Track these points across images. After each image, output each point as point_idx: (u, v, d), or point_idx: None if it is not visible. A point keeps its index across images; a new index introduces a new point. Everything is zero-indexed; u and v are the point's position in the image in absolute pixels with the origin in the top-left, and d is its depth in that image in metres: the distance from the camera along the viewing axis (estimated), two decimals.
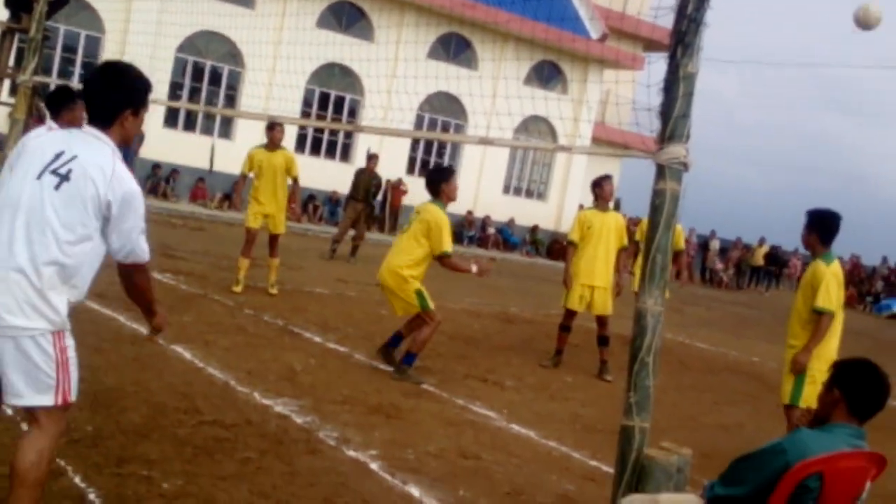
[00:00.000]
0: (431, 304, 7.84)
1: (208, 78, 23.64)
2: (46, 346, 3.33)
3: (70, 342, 3.42)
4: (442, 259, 7.82)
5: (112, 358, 6.68)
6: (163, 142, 21.87)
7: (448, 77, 22.31)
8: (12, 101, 12.24)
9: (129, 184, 3.42)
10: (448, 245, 7.79)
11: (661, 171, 3.21)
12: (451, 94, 26.08)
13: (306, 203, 24.50)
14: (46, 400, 3.35)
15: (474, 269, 8.00)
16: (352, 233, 16.89)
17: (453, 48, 26.72)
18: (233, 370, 6.96)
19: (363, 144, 23.89)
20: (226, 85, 23.83)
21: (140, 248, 3.49)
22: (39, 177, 3.36)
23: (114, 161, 3.43)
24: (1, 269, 3.30)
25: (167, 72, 22.13)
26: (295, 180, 11.00)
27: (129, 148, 12.11)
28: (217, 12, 19.09)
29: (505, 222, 28.07)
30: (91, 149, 3.43)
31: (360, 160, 22.84)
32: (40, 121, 19.94)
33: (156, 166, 22.06)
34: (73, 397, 3.43)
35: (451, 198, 8.11)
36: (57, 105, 6.17)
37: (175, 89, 22.92)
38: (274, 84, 22.16)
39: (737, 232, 34.98)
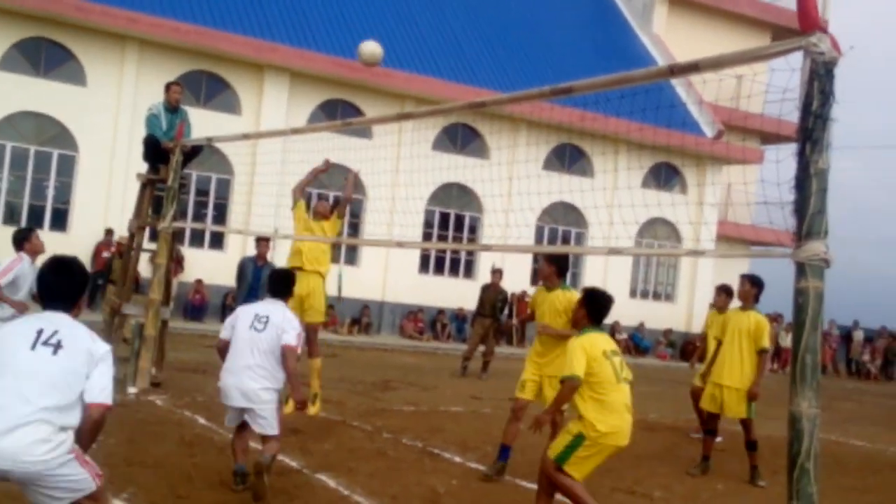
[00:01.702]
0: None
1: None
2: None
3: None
4: None
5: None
6: None
7: (566, 187, 22.48)
8: (153, 246, 12.98)
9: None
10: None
11: (801, 270, 3.15)
12: (568, 203, 26.21)
13: (434, 321, 24.74)
14: (90, 487, 4.17)
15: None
16: (481, 349, 16.90)
17: (568, 158, 26.99)
18: (377, 496, 6.97)
19: (486, 260, 24.08)
20: (349, 213, 24.51)
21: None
22: (34, 348, 4.14)
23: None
24: None
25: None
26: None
27: (259, 282, 12.55)
28: (337, 146, 19.74)
29: (635, 327, 27.61)
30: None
31: (483, 276, 23.03)
32: (178, 264, 20.88)
33: None
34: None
35: None
36: (286, 288, 7.29)
37: None
38: (396, 210, 22.70)
39: (881, 320, 33.37)
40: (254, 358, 6.60)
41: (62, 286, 4.39)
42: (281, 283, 7.23)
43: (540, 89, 5.90)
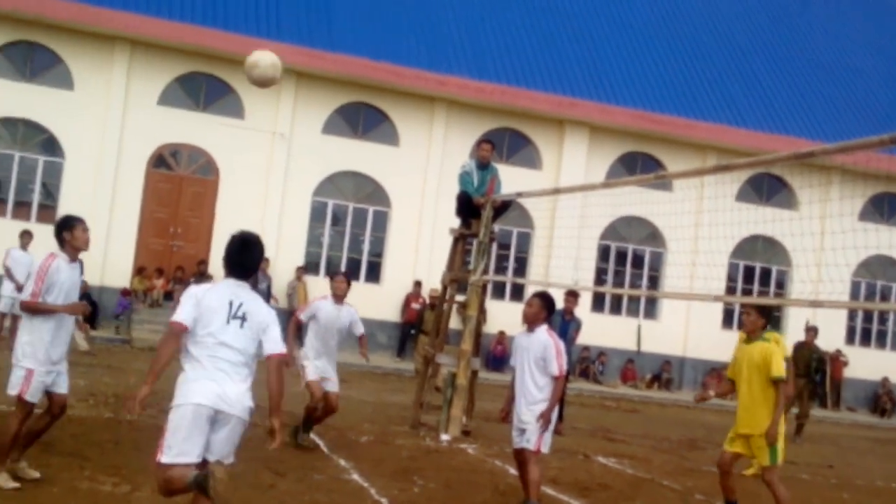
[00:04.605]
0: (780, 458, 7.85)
1: (631, 261, 24.22)
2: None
3: None
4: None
5: None
6: (591, 325, 22.46)
7: (886, 240, 20.95)
8: (461, 298, 13.45)
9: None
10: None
11: None
12: (889, 256, 24.33)
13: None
14: (232, 457, 5.21)
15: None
16: (794, 410, 15.95)
17: (887, 207, 25.11)
18: None
19: (795, 317, 22.86)
20: (648, 267, 24.24)
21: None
22: (228, 321, 5.12)
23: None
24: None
25: (592, 259, 23.04)
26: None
27: (566, 336, 12.60)
28: (637, 200, 19.69)
29: None
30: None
31: (793, 333, 21.78)
32: (482, 315, 21.38)
33: (584, 349, 22.70)
34: None
35: None
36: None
37: (600, 274, 23.73)
38: (697, 263, 22.10)
39: None
40: None
41: (246, 260, 5.33)
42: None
43: (879, 137, 5.53)
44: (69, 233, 6.76)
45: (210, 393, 4.94)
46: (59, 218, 7.01)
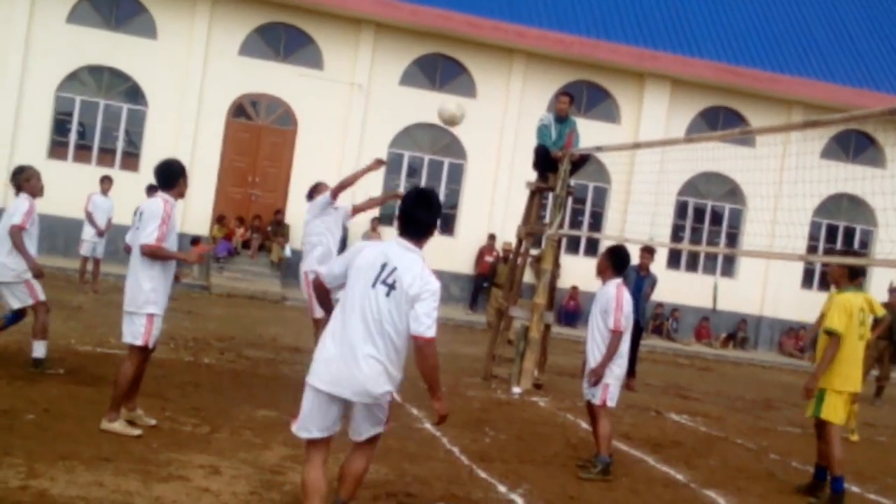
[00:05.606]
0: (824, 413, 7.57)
1: (709, 218, 23.82)
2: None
3: None
4: None
5: (648, 500, 6.76)
6: (666, 282, 22.17)
7: None
8: (535, 252, 13.39)
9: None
10: None
11: None
12: None
13: (817, 340, 23.24)
14: (380, 429, 4.91)
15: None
16: (874, 373, 15.61)
17: None
18: None
19: (880, 277, 22.24)
20: (727, 224, 23.81)
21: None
22: (374, 285, 4.62)
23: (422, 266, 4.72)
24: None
25: (669, 215, 22.72)
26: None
27: (640, 292, 12.47)
28: (717, 156, 19.27)
29: None
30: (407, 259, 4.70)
31: (877, 294, 21.26)
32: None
33: (658, 305, 22.47)
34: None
35: None
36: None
37: (677, 231, 23.40)
38: (778, 220, 21.61)
39: None
40: None
41: (421, 215, 4.82)
42: None
43: None
44: (184, 179, 6.93)
45: (329, 377, 4.64)
46: (167, 162, 6.97)
